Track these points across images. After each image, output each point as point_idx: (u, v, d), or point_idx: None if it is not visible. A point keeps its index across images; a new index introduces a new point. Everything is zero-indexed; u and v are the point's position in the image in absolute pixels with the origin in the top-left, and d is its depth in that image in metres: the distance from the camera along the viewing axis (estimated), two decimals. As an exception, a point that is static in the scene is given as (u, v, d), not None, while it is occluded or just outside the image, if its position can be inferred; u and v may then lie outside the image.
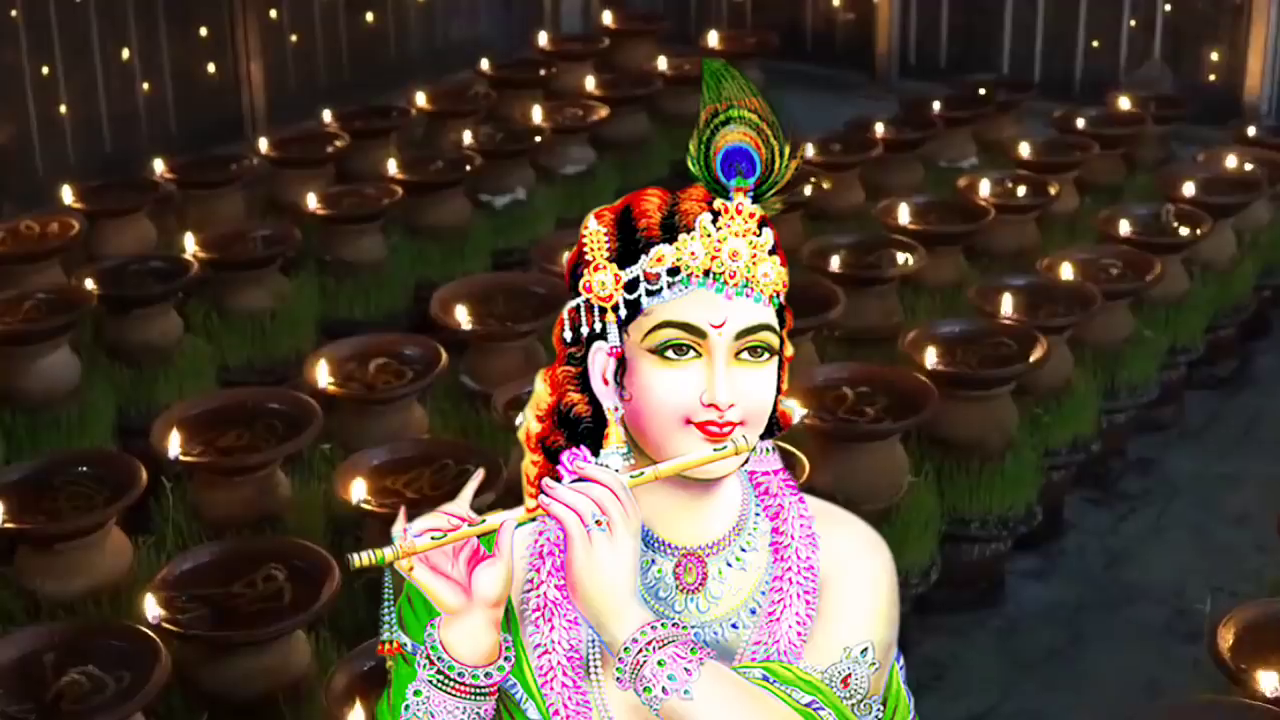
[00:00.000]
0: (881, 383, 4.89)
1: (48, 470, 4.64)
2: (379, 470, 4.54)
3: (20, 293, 5.68)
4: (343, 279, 6.32)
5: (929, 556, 4.85)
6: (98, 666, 3.88)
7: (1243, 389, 6.54)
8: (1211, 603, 4.35)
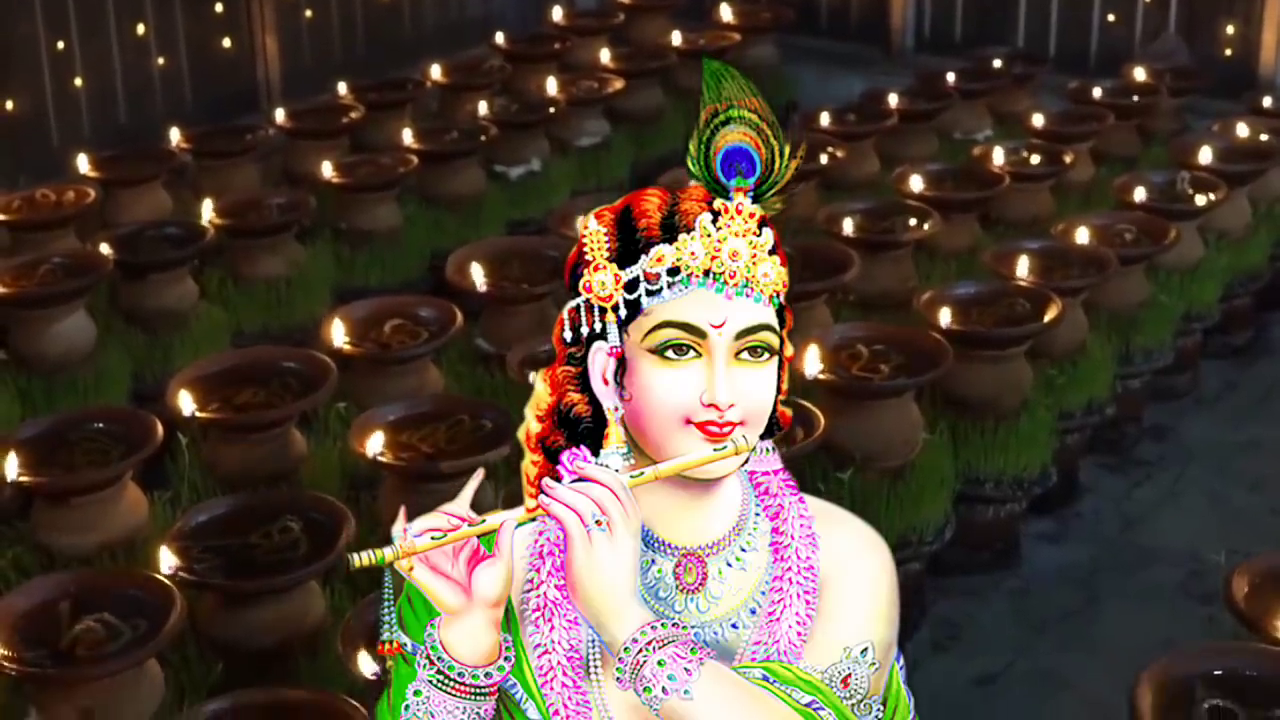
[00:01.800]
0: (896, 341, 4.88)
1: (63, 427, 4.66)
2: (395, 425, 4.54)
3: (36, 257, 5.69)
4: (358, 247, 6.33)
5: (944, 515, 4.85)
6: (113, 614, 3.90)
7: (1259, 358, 6.53)
8: (1227, 561, 4.33)
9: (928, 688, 4.75)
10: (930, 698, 4.69)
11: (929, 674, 4.84)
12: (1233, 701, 3.53)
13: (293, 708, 3.54)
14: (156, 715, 3.83)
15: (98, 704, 3.78)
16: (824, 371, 4.68)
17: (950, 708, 4.62)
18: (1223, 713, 3.50)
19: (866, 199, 6.08)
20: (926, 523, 4.78)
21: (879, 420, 4.72)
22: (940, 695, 4.69)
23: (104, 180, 6.42)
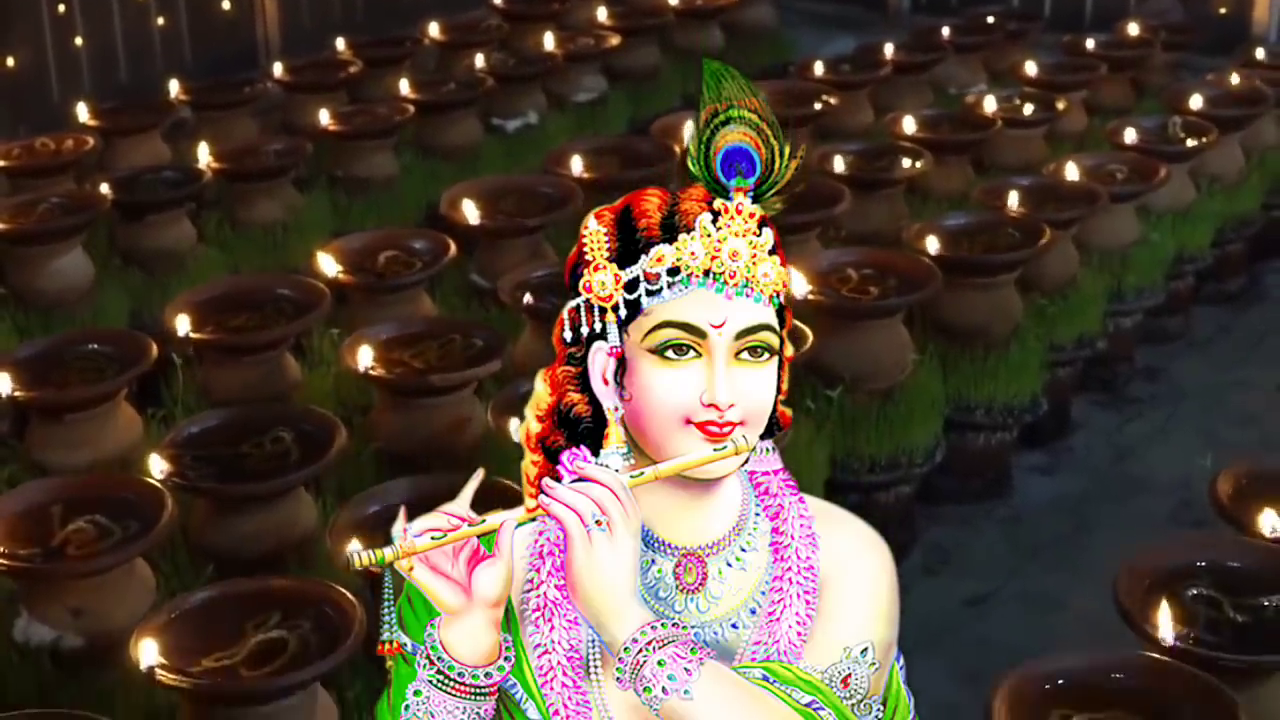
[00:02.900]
0: (885, 266, 4.92)
1: (59, 347, 4.70)
2: (387, 344, 4.58)
3: (35, 197, 5.74)
4: (355, 195, 6.37)
5: (934, 438, 4.88)
6: (104, 517, 3.94)
7: (1252, 304, 6.55)
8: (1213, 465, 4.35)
9: (919, 609, 4.78)
10: (922, 618, 4.72)
11: (920, 596, 4.86)
12: (1217, 590, 3.56)
13: (281, 595, 3.58)
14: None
15: (88, 604, 3.82)
16: (813, 293, 4.71)
17: (941, 628, 4.64)
18: (1207, 600, 3.53)
19: (859, 141, 6.11)
20: (916, 445, 4.81)
21: (868, 342, 4.75)
22: (931, 616, 4.71)
23: (103, 129, 6.47)
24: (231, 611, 3.52)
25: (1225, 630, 3.45)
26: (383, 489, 3.91)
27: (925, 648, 4.61)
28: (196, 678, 3.32)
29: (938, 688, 4.36)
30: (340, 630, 3.38)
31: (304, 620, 3.49)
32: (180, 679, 3.30)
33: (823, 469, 4.58)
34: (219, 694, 3.35)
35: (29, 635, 3.85)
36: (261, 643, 3.45)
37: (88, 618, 3.82)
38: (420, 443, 4.42)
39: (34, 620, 3.86)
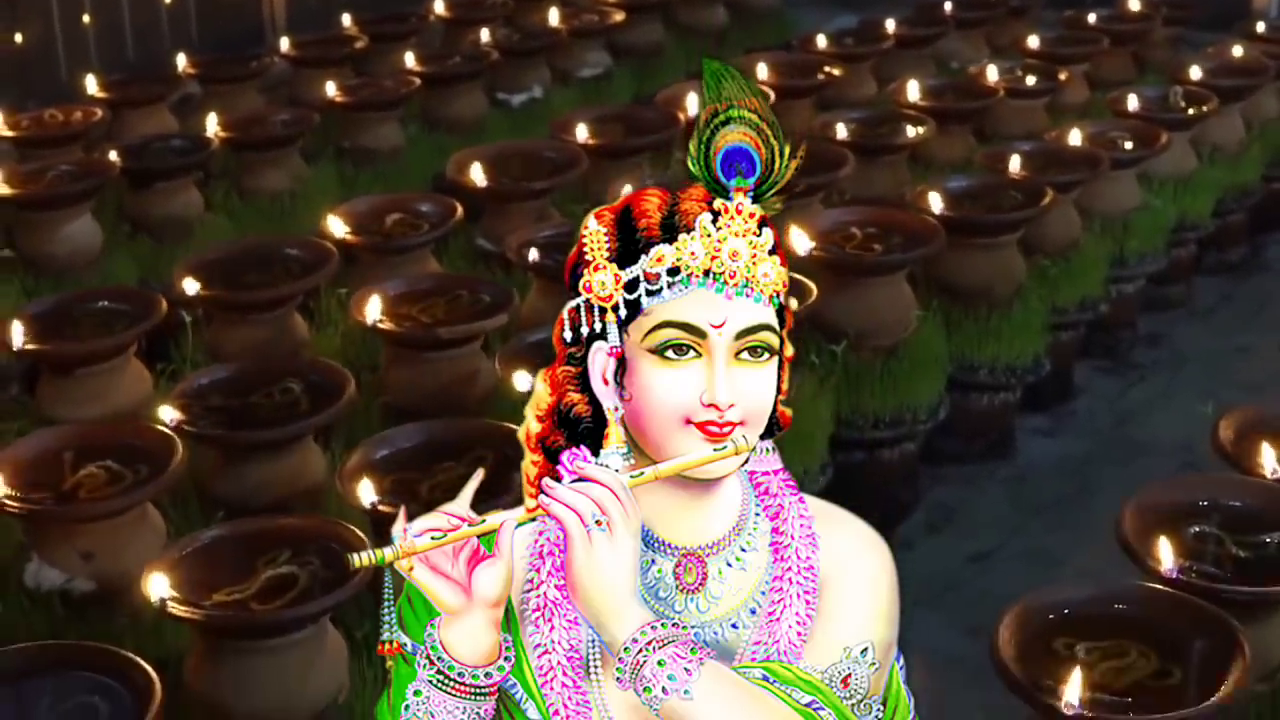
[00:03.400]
0: (889, 224, 4.96)
1: (69, 304, 4.74)
2: (395, 299, 4.62)
3: (44, 164, 5.78)
4: (361, 165, 6.41)
5: (937, 395, 4.91)
6: (115, 462, 3.98)
7: (1253, 274, 6.59)
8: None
9: (922, 565, 4.82)
10: (925, 574, 4.76)
11: (923, 553, 4.89)
12: (1219, 528, 3.59)
13: (291, 533, 3.62)
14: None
15: (98, 548, 3.85)
16: (817, 249, 4.74)
17: (945, 583, 4.67)
18: (1209, 537, 3.57)
19: (863, 109, 6.15)
20: (920, 402, 4.84)
21: (872, 299, 4.78)
22: (935, 572, 4.74)
23: (111, 101, 6.51)
24: (242, 549, 3.56)
25: (1227, 566, 3.49)
26: (393, 434, 3.95)
27: (930, 603, 4.64)
28: (207, 610, 3.36)
29: (942, 641, 4.40)
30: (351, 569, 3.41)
31: (313, 557, 3.54)
32: (191, 611, 3.34)
33: (827, 424, 4.61)
34: (229, 626, 3.39)
35: (40, 580, 3.89)
36: (271, 578, 3.49)
37: (98, 562, 3.85)
38: (428, 396, 4.45)
39: (45, 565, 3.89)
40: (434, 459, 3.88)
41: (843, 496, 4.83)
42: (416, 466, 3.86)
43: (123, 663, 3.17)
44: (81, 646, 3.33)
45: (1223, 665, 3.06)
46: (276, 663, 3.40)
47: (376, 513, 3.65)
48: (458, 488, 3.84)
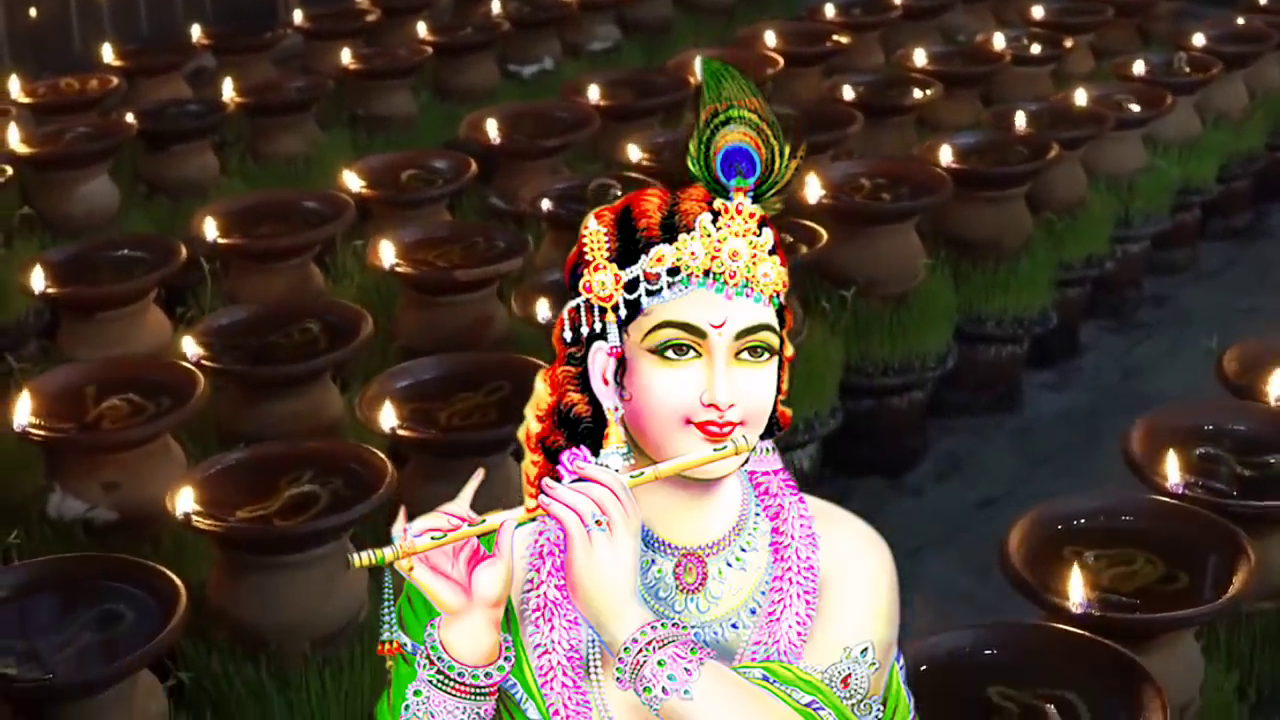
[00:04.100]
0: (898, 175, 5.03)
1: (90, 251, 4.81)
2: (411, 246, 4.68)
3: (62, 126, 5.86)
4: (374, 133, 6.48)
5: (945, 344, 4.97)
6: (138, 395, 4.04)
7: (1258, 239, 6.65)
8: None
9: (931, 510, 4.89)
10: (934, 519, 4.83)
11: (931, 499, 4.96)
12: (1224, 450, 3.65)
13: (314, 455, 3.68)
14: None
15: (121, 478, 3.90)
16: (827, 197, 4.81)
17: (954, 527, 4.72)
18: (1214, 459, 3.63)
19: (870, 73, 6.23)
20: (928, 350, 4.90)
21: (880, 247, 4.85)
22: (943, 517, 4.80)
23: (127, 70, 6.58)
24: (265, 470, 3.63)
25: (1233, 485, 3.54)
26: (411, 365, 4.02)
27: (939, 545, 4.70)
28: (230, 524, 3.42)
29: (951, 580, 4.46)
30: (370, 486, 3.48)
31: (335, 477, 3.60)
32: (214, 524, 3.41)
33: (837, 368, 4.67)
34: (252, 540, 3.45)
35: (62, 510, 3.93)
36: (294, 496, 3.56)
37: (120, 492, 3.90)
38: (443, 341, 4.50)
39: (67, 496, 3.94)
40: (452, 390, 3.95)
41: (852, 443, 4.91)
42: (435, 397, 3.93)
43: (148, 573, 3.24)
44: (106, 558, 3.40)
45: (1228, 571, 3.12)
46: (298, 579, 3.46)
47: (395, 437, 3.72)
48: (475, 417, 3.93)
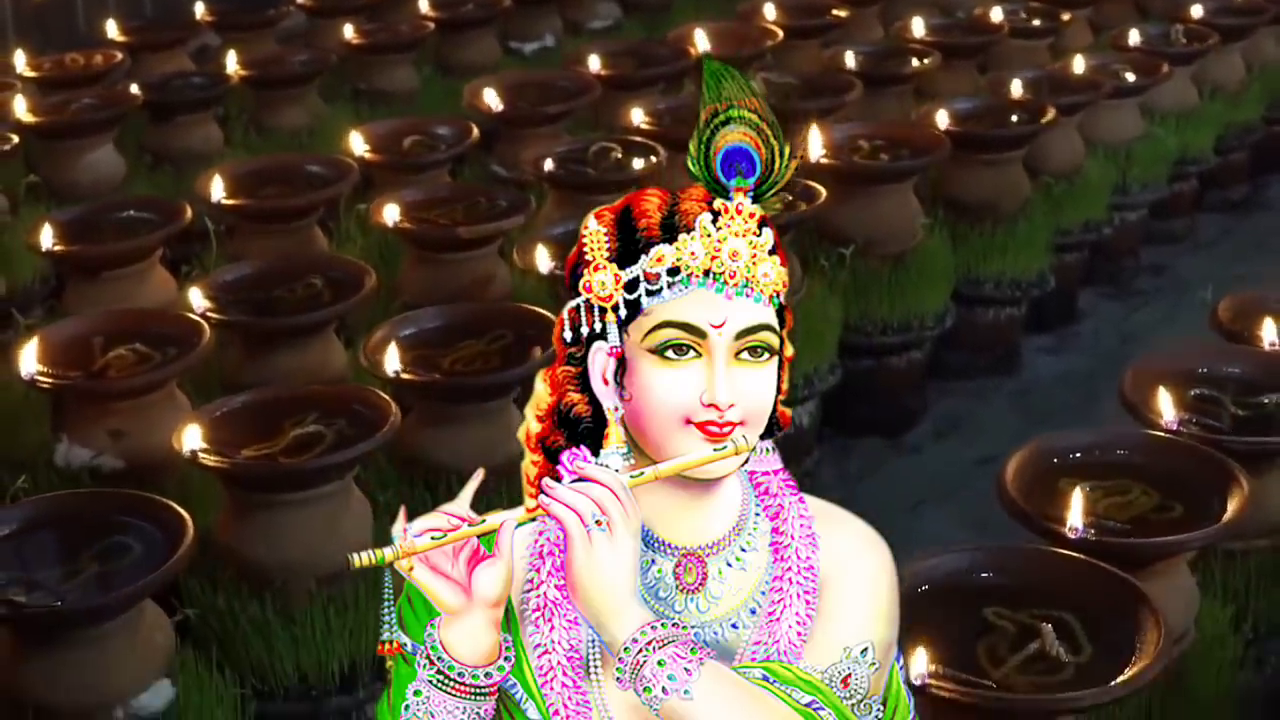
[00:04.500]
0: (896, 137, 5.08)
1: (96, 213, 4.86)
2: (414, 204, 4.73)
3: (68, 97, 5.91)
4: (377, 107, 6.51)
5: (943, 304, 5.02)
6: (144, 345, 4.08)
7: (1255, 211, 6.70)
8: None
9: (930, 468, 4.94)
10: (933, 476, 4.87)
11: (931, 456, 5.01)
12: (1218, 391, 3.69)
13: (319, 398, 3.73)
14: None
15: (127, 426, 3.94)
16: (826, 157, 4.85)
17: (953, 484, 4.77)
18: (1209, 399, 3.66)
19: (868, 43, 6.28)
20: (927, 310, 4.94)
21: (879, 207, 4.89)
22: (942, 475, 4.85)
23: (131, 46, 6.63)
24: (271, 412, 3.67)
25: (1227, 422, 3.58)
26: (416, 315, 4.07)
27: (938, 501, 4.74)
28: (236, 461, 3.47)
29: (950, 535, 4.48)
30: (374, 425, 3.53)
31: (339, 419, 3.64)
32: (220, 461, 3.45)
33: (836, 324, 4.71)
34: (258, 476, 3.49)
35: (69, 459, 3.98)
36: (299, 437, 3.60)
37: (127, 440, 3.94)
38: (445, 299, 4.53)
39: (74, 444, 3.99)
40: (455, 338, 4.00)
41: (852, 403, 4.95)
42: (438, 344, 3.98)
43: (154, 507, 3.28)
44: (114, 494, 3.45)
45: (1222, 501, 3.16)
46: (303, 516, 3.51)
47: (399, 381, 3.76)
48: (477, 363, 3.96)
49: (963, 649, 2.80)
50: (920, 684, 2.61)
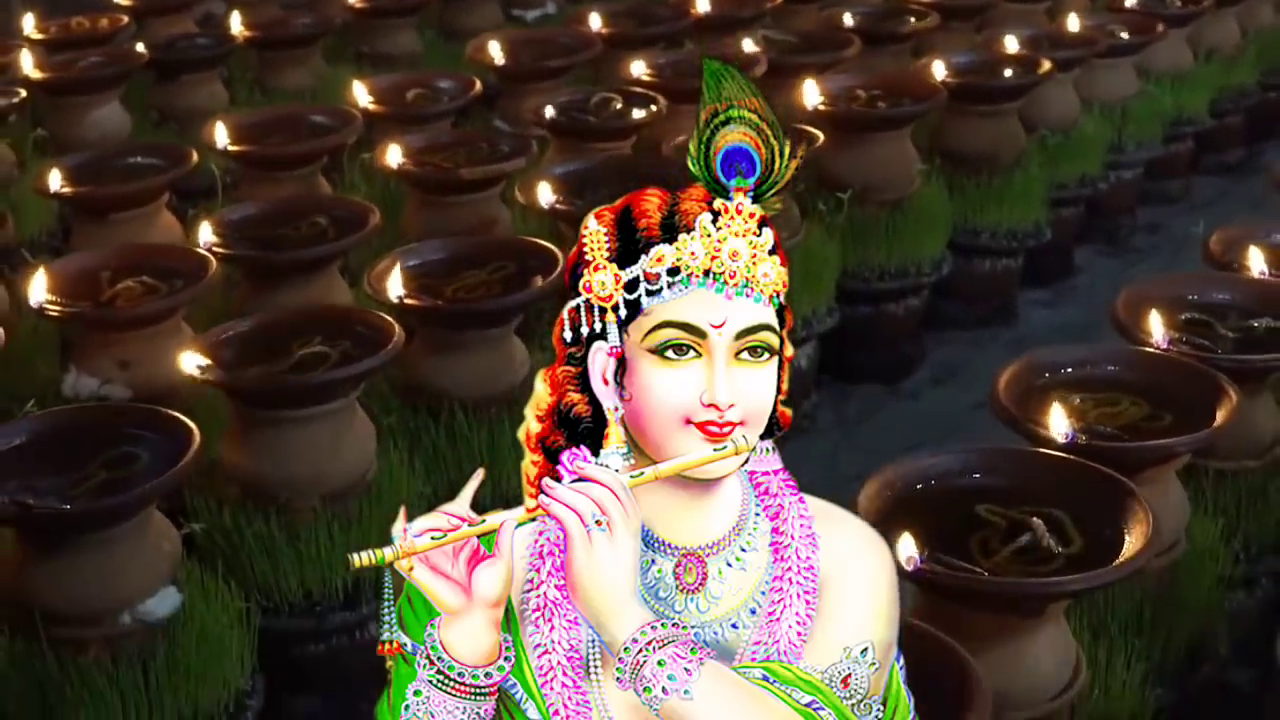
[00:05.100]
0: (894, 87, 5.13)
1: (104, 158, 4.92)
2: (418, 150, 4.79)
3: (75, 56, 5.97)
4: (379, 69, 6.57)
5: (940, 252, 5.07)
6: (152, 278, 4.14)
7: (1249, 175, 6.74)
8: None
9: (927, 413, 4.99)
10: (929, 420, 4.91)
11: (929, 402, 5.06)
12: (1210, 316, 3.75)
13: (324, 318, 3.79)
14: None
15: (135, 357, 4.00)
16: (824, 103, 4.91)
17: (951, 426, 4.79)
18: (1199, 323, 3.72)
19: (867, 4, 6.34)
20: (924, 256, 5.00)
21: (876, 153, 4.95)
22: (939, 419, 4.89)
23: (136, 10, 6.70)
24: (277, 334, 3.73)
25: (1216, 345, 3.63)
26: (420, 246, 4.12)
27: (935, 443, 4.73)
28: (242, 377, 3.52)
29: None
30: (378, 346, 3.58)
31: (344, 340, 3.70)
32: (227, 377, 3.51)
33: (833, 268, 4.77)
34: (264, 392, 3.55)
35: (77, 389, 4.03)
36: (305, 357, 3.66)
37: (134, 370, 4.00)
38: (449, 241, 4.61)
39: (82, 374, 4.04)
40: (458, 268, 4.06)
41: (850, 350, 5.00)
42: (441, 274, 4.04)
43: (161, 418, 3.33)
44: (122, 406, 3.50)
45: (1212, 414, 3.21)
46: (308, 434, 3.56)
47: (402, 306, 3.81)
48: (479, 292, 4.02)
49: (955, 543, 2.85)
50: (911, 569, 2.66)
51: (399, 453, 3.78)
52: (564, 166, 4.45)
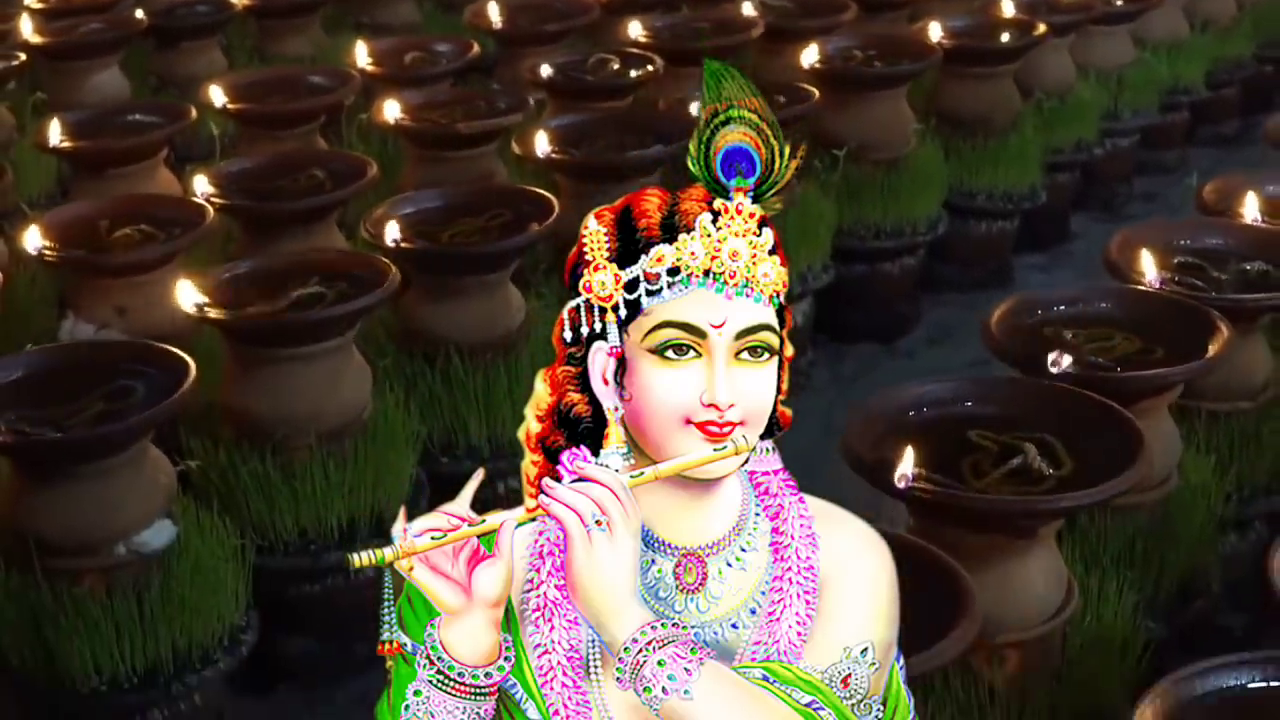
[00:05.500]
0: (889, 47, 5.16)
1: (103, 116, 4.95)
2: (417, 107, 4.81)
3: (74, 22, 5.99)
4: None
5: (936, 211, 5.09)
6: (149, 227, 4.16)
7: (1245, 146, 6.75)
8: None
9: (923, 371, 4.99)
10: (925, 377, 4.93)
11: (924, 361, 5.07)
12: (1203, 260, 3.77)
13: (320, 262, 3.80)
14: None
15: (132, 303, 4.02)
16: (820, 62, 4.93)
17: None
18: (1192, 267, 3.74)
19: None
20: (919, 215, 5.02)
21: (872, 112, 4.97)
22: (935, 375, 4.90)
23: (137, -20, 6.72)
24: (274, 276, 3.74)
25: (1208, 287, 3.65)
26: (416, 194, 4.14)
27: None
28: (240, 314, 3.54)
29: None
30: (374, 285, 3.60)
31: (340, 281, 3.71)
32: (224, 314, 3.52)
33: (829, 224, 4.79)
34: (261, 330, 3.56)
35: (75, 335, 4.04)
36: (302, 297, 3.67)
37: (131, 316, 4.02)
38: (446, 197, 4.63)
39: (79, 321, 4.06)
40: (454, 216, 4.08)
41: (846, 309, 5.01)
42: (438, 222, 4.05)
43: (157, 353, 3.35)
44: (119, 342, 3.51)
45: (1204, 346, 3.23)
46: (304, 372, 3.57)
47: (399, 250, 3.83)
48: (475, 237, 4.02)
49: (948, 465, 2.87)
50: (904, 485, 2.68)
51: (395, 395, 3.79)
52: (561, 119, 4.46)
